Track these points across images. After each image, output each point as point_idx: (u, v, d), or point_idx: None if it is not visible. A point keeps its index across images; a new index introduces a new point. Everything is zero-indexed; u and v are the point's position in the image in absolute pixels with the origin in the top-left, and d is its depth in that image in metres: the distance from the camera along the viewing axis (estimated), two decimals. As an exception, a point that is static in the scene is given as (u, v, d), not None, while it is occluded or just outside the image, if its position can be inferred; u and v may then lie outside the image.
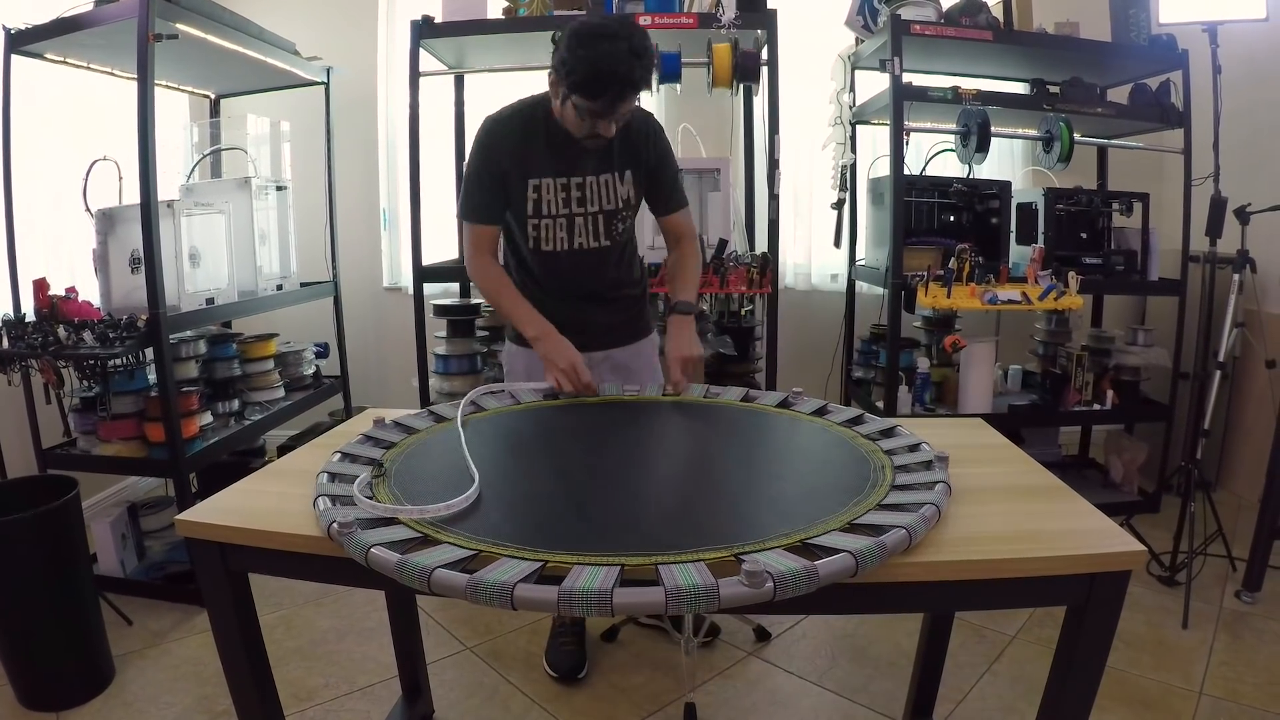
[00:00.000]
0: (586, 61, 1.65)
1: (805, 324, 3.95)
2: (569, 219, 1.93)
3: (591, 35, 1.66)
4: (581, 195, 1.92)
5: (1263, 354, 2.77)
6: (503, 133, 1.88)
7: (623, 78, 1.66)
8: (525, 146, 1.86)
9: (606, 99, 1.69)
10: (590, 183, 1.91)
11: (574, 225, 1.94)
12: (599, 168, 1.91)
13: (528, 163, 1.87)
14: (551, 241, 1.94)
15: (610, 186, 1.93)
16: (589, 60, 1.65)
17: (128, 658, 2.30)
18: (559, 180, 1.89)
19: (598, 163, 1.90)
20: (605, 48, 1.65)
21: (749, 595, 0.90)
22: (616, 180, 1.93)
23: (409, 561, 0.97)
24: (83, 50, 2.61)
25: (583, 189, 1.91)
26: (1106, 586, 1.10)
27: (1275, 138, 3.23)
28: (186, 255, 2.56)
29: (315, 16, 3.82)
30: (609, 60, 1.65)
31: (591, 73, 1.65)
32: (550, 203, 1.90)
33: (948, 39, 2.94)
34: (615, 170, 1.93)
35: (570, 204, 1.92)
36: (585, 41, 1.66)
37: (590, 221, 1.95)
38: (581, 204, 1.92)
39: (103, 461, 2.56)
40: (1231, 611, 2.53)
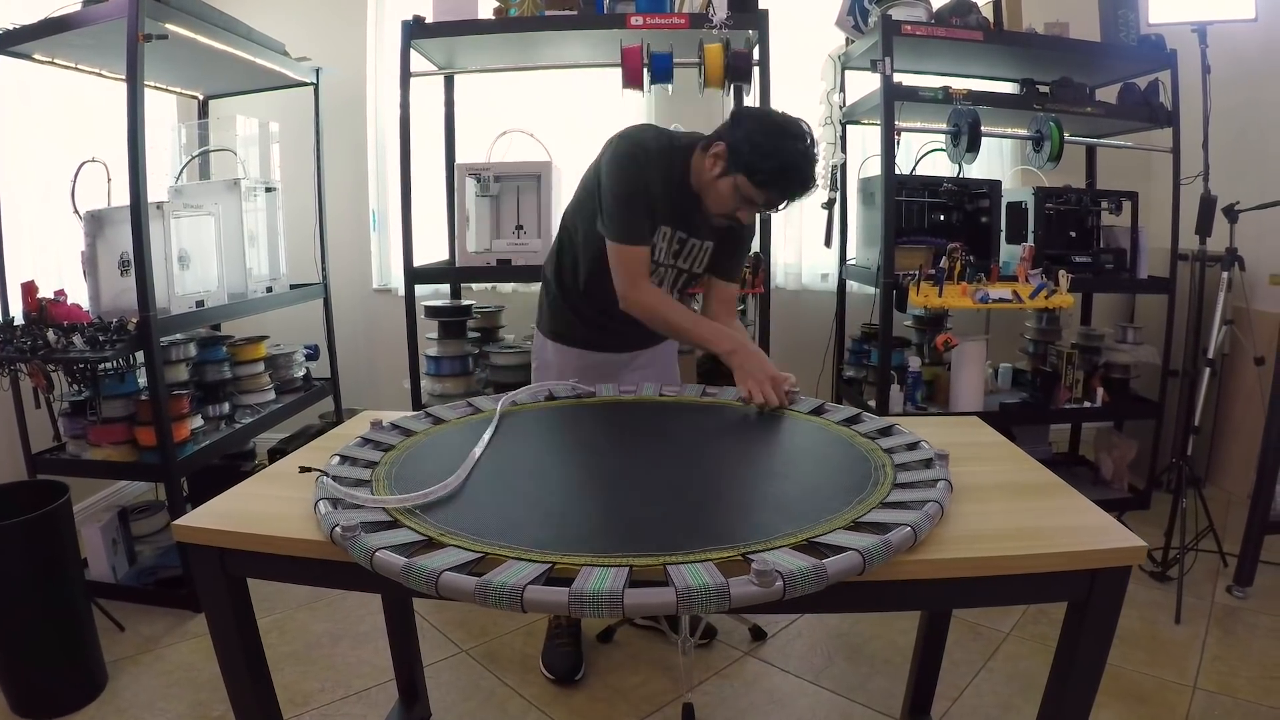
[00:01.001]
0: (781, 155, 1.68)
1: (796, 324, 3.96)
2: (665, 269, 1.98)
3: (785, 131, 1.70)
4: (679, 250, 1.96)
5: (1251, 351, 2.79)
6: (653, 163, 1.84)
7: (806, 181, 1.73)
8: (663, 186, 1.85)
9: (785, 198, 1.75)
10: (692, 245, 1.96)
11: (665, 275, 1.99)
12: (706, 234, 1.95)
13: (661, 204, 1.86)
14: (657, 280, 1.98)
15: (699, 252, 1.99)
16: (784, 154, 1.69)
17: (120, 664, 2.28)
18: (676, 232, 1.93)
19: (706, 230, 1.94)
20: (797, 148, 1.69)
21: (759, 594, 0.90)
22: (707, 248, 1.99)
23: (415, 565, 0.96)
24: (71, 51, 2.58)
25: (683, 246, 1.96)
26: (1107, 582, 1.11)
27: (1262, 137, 3.27)
28: (176, 257, 2.54)
29: (304, 17, 3.80)
30: (801, 162, 1.70)
31: (782, 171, 1.70)
32: (661, 250, 1.94)
33: (938, 39, 2.95)
34: (713, 239, 1.98)
35: (671, 257, 1.96)
36: (779, 133, 1.70)
37: (673, 275, 2.00)
38: (674, 259, 1.97)
39: (93, 466, 2.53)
40: (1223, 606, 2.55)
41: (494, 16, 3.05)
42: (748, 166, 1.71)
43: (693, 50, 2.94)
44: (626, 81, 2.93)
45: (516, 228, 3.22)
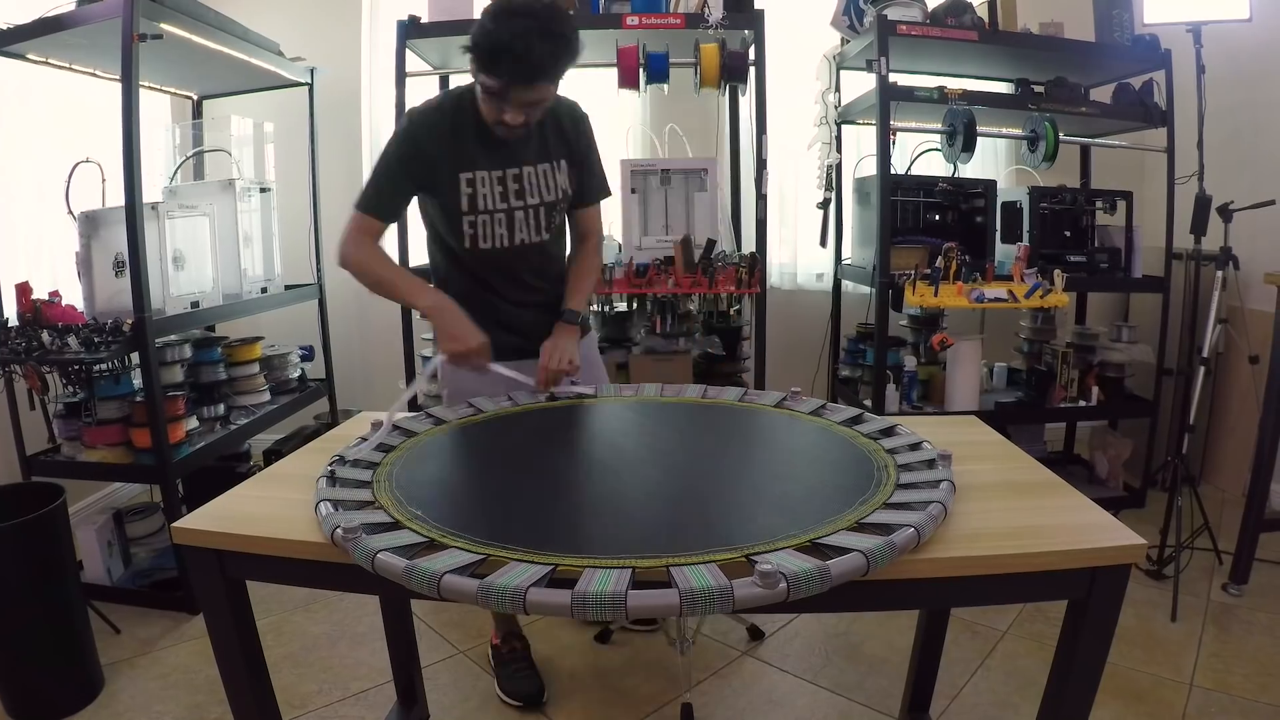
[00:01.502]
0: (491, 36, 1.56)
1: (791, 324, 3.96)
2: (508, 214, 1.83)
3: (505, 10, 1.57)
4: (520, 187, 1.82)
5: (1246, 350, 2.80)
6: (432, 123, 1.75)
7: (520, 56, 1.55)
8: (456, 138, 1.75)
9: (506, 79, 1.59)
10: (529, 174, 1.82)
11: (514, 220, 1.84)
12: (537, 157, 1.83)
13: (460, 155, 1.76)
14: (490, 238, 1.83)
15: (549, 176, 1.85)
16: (493, 34, 1.56)
17: (117, 666, 2.27)
18: (495, 173, 1.79)
19: (536, 152, 1.82)
20: (514, 25, 1.55)
21: (763, 596, 0.90)
22: (554, 170, 1.86)
23: (417, 567, 0.96)
24: (65, 50, 2.57)
25: (520, 180, 1.82)
26: (1108, 580, 1.11)
27: (1256, 136, 3.28)
28: (170, 258, 2.53)
29: (298, 17, 3.79)
30: (512, 37, 1.54)
31: (491, 47, 1.56)
32: (487, 196, 1.80)
33: (933, 39, 2.95)
34: (553, 160, 1.85)
35: (509, 197, 1.81)
36: (497, 16, 1.57)
37: (531, 215, 1.85)
38: (520, 196, 1.83)
39: (88, 468, 2.52)
40: (1219, 604, 2.56)
41: (489, 16, 3.04)
42: (472, 51, 1.61)
43: (688, 50, 2.94)
44: (622, 82, 2.93)
45: (512, 228, 3.21)
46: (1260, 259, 2.97)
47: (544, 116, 1.76)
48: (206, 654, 2.33)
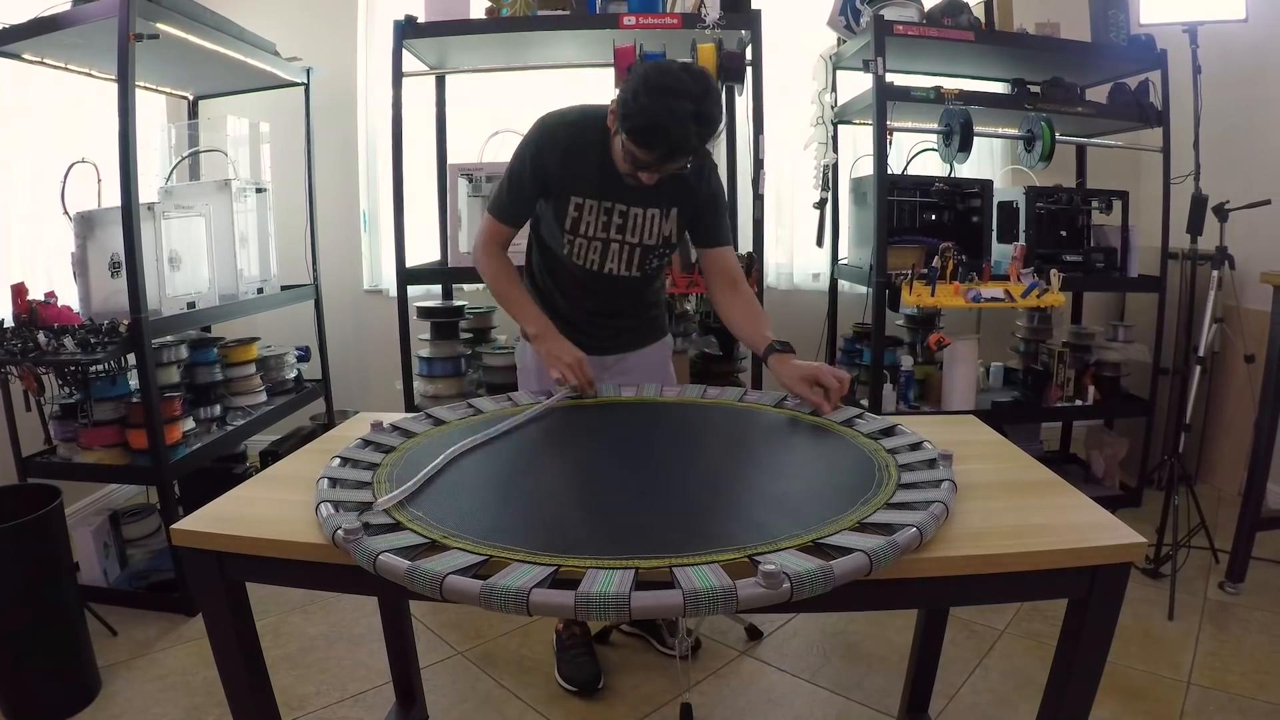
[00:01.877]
0: (647, 112, 1.56)
1: (787, 323, 3.94)
2: (604, 243, 1.86)
3: (660, 87, 1.56)
4: (622, 224, 1.84)
5: (1241, 349, 2.81)
6: (557, 138, 1.79)
7: (676, 141, 1.57)
8: (576, 159, 1.78)
9: (655, 155, 1.62)
10: (634, 214, 1.83)
11: (608, 250, 1.87)
12: (646, 200, 1.82)
13: (576, 178, 1.80)
14: (583, 259, 1.88)
15: (654, 222, 1.86)
16: (649, 111, 1.55)
17: (114, 669, 2.26)
18: (604, 203, 1.82)
19: (646, 195, 1.80)
20: (669, 104, 1.55)
21: (766, 596, 0.90)
22: (661, 217, 1.86)
23: (419, 568, 0.96)
24: (61, 50, 2.55)
25: (625, 218, 1.83)
26: (1109, 578, 1.11)
27: (1251, 136, 3.29)
28: (166, 259, 2.52)
29: (293, 17, 3.78)
30: (669, 118, 1.55)
31: (647, 125, 1.57)
32: (589, 224, 1.84)
33: (930, 39, 2.96)
34: (662, 206, 1.84)
35: (609, 229, 1.84)
36: (653, 90, 1.56)
37: (625, 251, 1.88)
38: (620, 232, 1.85)
39: (85, 469, 2.51)
40: (1216, 602, 2.57)
41: (486, 16, 3.04)
42: (623, 121, 1.61)
43: (685, 50, 2.93)
44: (619, 82, 2.93)
45: (508, 228, 3.21)
46: (1256, 258, 2.98)
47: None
48: (204, 656, 2.33)
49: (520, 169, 1.83)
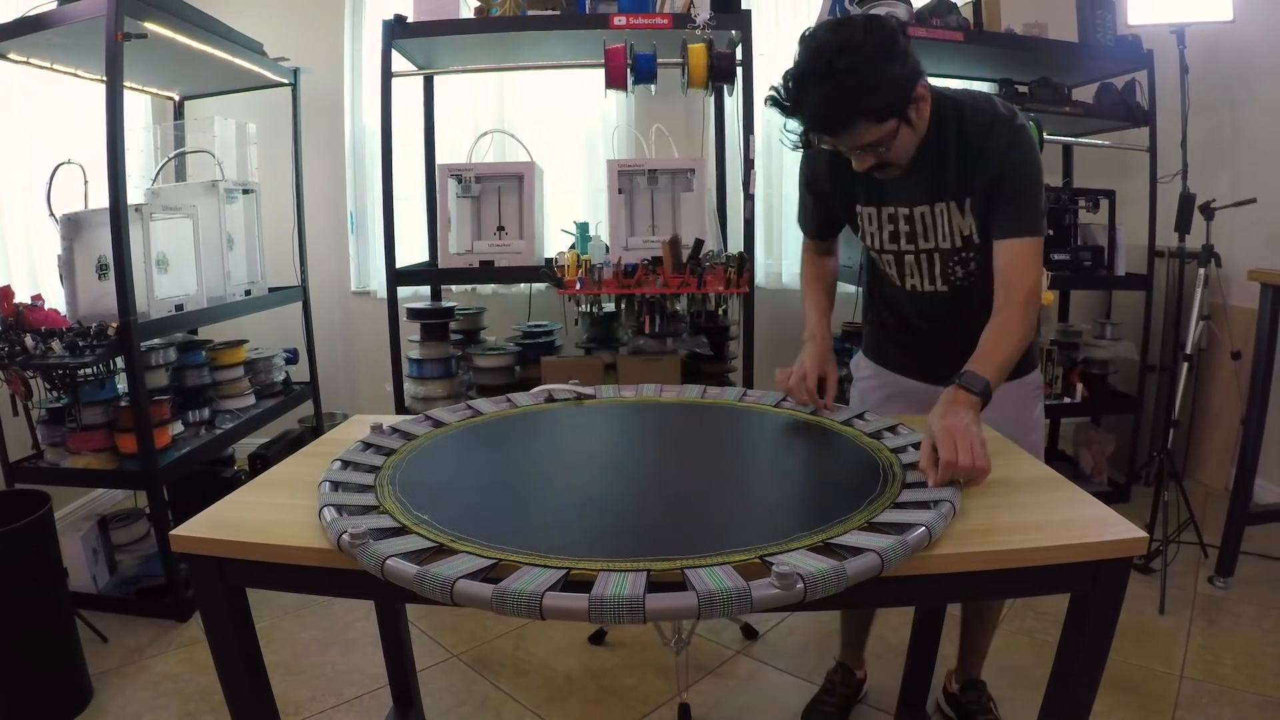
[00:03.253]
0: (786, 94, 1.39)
1: (777, 323, 3.97)
2: (897, 256, 1.61)
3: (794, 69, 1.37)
4: (911, 230, 1.57)
5: (1228, 346, 2.85)
6: (819, 153, 1.57)
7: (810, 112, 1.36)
8: (843, 170, 1.52)
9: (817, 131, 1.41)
10: (921, 215, 1.54)
11: (904, 264, 1.61)
12: (930, 196, 1.52)
13: (849, 189, 1.58)
14: (898, 276, 1.65)
15: (945, 218, 1.53)
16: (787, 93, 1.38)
17: (106, 676, 2.23)
18: (886, 211, 1.57)
19: (927, 190, 1.51)
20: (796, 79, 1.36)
21: (781, 597, 0.89)
22: (955, 211, 1.51)
23: (429, 573, 0.95)
24: (47, 50, 2.52)
25: (911, 222, 1.56)
26: (1111, 572, 1.13)
27: (1235, 134, 3.33)
28: (154, 261, 2.50)
29: (278, 16, 3.74)
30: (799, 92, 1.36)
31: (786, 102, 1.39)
32: (875, 235, 1.61)
33: (919, 39, 2.96)
34: (951, 199, 1.51)
35: (899, 239, 1.58)
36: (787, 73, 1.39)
37: (923, 261, 1.59)
38: (911, 239, 1.58)
39: (73, 474, 2.48)
40: (1206, 596, 2.60)
41: (475, 16, 3.03)
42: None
43: (675, 50, 2.94)
44: (610, 82, 2.92)
45: (498, 229, 3.20)
46: (1240, 256, 3.02)
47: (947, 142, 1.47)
48: (196, 662, 2.31)
49: (801, 180, 1.70)
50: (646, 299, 3.04)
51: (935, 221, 1.54)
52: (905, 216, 1.56)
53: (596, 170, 3.85)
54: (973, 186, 1.48)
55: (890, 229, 1.58)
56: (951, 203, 1.51)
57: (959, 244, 1.55)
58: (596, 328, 3.25)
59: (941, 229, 1.54)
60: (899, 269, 1.63)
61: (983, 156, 1.45)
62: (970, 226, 1.52)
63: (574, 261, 2.81)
